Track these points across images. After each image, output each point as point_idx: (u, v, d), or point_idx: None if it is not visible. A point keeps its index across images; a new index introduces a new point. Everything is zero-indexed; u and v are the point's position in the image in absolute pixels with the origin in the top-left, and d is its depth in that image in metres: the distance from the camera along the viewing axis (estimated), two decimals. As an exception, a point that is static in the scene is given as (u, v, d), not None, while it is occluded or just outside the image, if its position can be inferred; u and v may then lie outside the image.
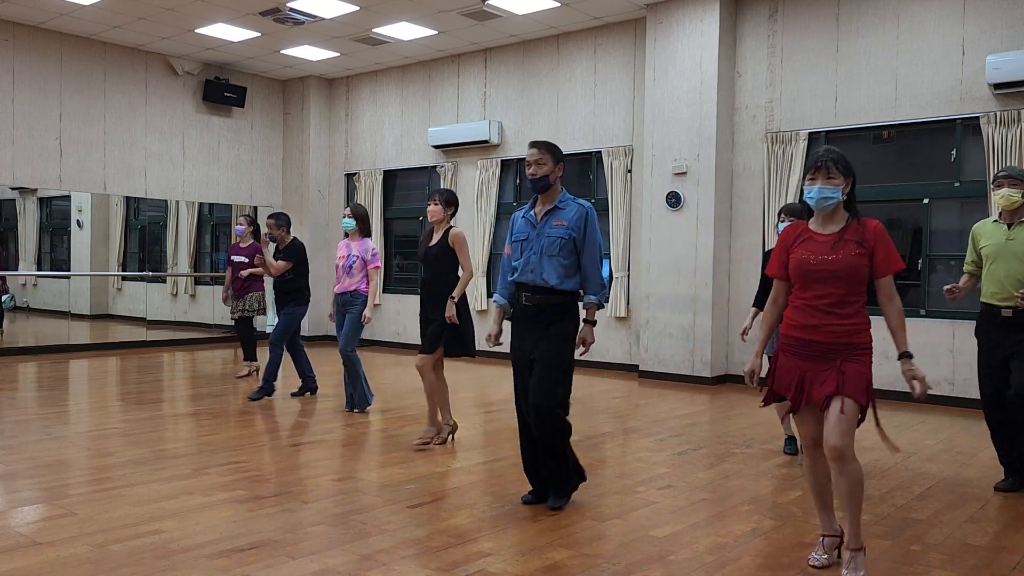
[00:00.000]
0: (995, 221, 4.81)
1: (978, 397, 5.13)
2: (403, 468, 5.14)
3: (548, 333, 4.21)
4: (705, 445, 6.01)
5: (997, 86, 7.52)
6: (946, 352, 7.88)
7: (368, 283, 6.87)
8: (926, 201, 8.08)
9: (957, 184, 7.97)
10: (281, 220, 7.56)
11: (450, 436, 5.81)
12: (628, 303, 10.04)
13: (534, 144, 4.33)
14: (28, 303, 12.47)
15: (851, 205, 3.41)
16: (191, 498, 4.38)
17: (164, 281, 13.06)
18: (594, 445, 5.98)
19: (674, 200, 9.27)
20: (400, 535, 3.85)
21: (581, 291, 4.33)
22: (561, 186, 4.36)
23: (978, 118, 7.70)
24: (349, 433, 6.22)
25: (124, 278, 13.04)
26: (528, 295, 4.26)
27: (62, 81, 11.03)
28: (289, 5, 9.66)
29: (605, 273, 3.99)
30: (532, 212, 4.36)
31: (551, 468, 4.29)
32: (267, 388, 7.47)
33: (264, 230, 7.62)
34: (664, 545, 3.78)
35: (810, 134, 8.68)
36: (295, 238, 7.62)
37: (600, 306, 4.35)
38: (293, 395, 7.74)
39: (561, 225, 4.22)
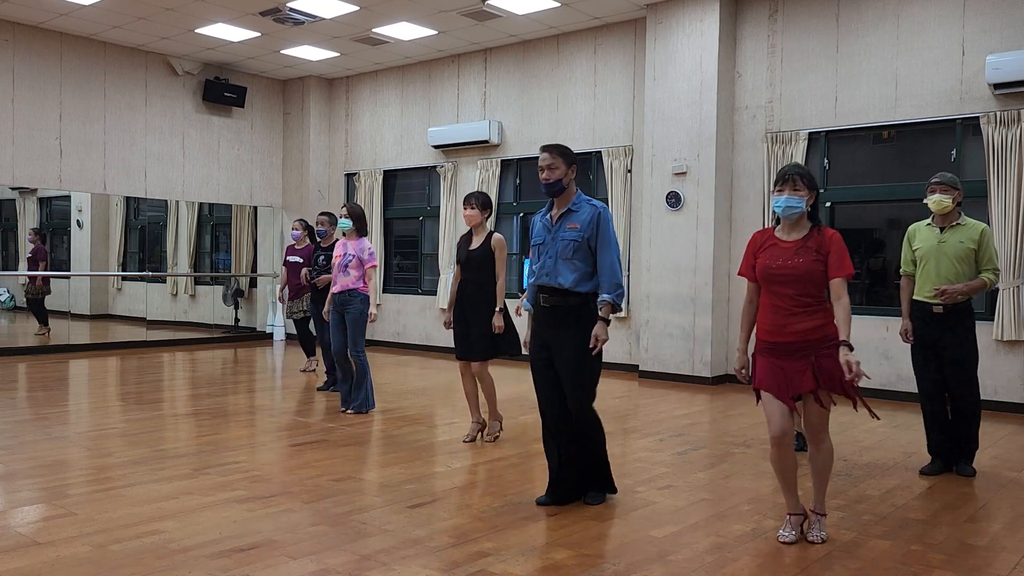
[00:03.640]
0: (928, 224, 5.23)
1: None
2: (403, 468, 5.14)
3: (566, 337, 4.28)
4: (705, 445, 6.01)
5: (997, 86, 7.52)
6: (946, 352, 7.85)
7: (365, 282, 6.92)
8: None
9: (957, 184, 7.96)
10: (333, 218, 8.04)
11: (498, 433, 6.04)
12: (628, 303, 10.03)
13: (546, 148, 4.35)
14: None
15: (814, 215, 3.83)
16: (191, 498, 4.38)
17: (164, 281, 13.06)
18: (594, 445, 5.97)
19: (674, 200, 9.27)
20: (400, 535, 3.85)
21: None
22: (576, 188, 4.40)
23: (978, 118, 7.69)
24: (349, 433, 6.22)
25: (124, 278, 13.05)
26: (545, 296, 4.36)
27: (62, 81, 11.03)
28: (289, 5, 9.66)
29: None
30: (548, 216, 4.42)
31: (589, 464, 4.40)
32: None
33: (318, 226, 8.13)
34: (664, 545, 3.79)
35: (810, 134, 8.68)
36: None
37: (615, 307, 4.27)
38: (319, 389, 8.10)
39: (574, 228, 4.27)
